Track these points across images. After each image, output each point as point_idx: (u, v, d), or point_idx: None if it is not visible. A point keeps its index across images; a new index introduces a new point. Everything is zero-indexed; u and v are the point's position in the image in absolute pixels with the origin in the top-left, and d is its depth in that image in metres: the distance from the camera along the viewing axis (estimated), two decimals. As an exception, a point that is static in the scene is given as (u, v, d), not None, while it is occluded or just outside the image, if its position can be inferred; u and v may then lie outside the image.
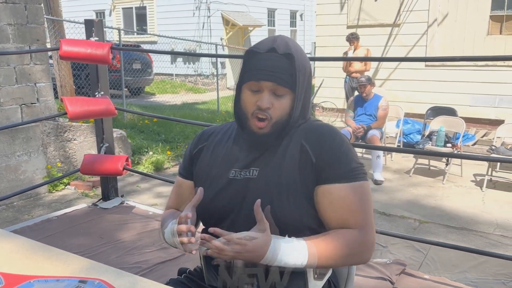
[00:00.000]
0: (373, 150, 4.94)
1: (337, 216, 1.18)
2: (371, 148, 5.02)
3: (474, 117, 7.14)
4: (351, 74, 7.08)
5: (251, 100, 1.18)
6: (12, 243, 1.22)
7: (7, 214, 3.76)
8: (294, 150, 1.21)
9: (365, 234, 1.17)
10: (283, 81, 1.16)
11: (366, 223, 1.18)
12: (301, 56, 1.21)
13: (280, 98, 1.18)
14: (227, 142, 1.30)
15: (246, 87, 1.20)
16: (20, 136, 4.03)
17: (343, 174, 1.17)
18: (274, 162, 1.21)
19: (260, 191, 1.19)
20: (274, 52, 1.17)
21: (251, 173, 1.22)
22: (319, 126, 1.25)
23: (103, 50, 3.02)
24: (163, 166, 5.26)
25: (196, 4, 14.75)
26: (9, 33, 3.89)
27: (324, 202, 1.18)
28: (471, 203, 4.23)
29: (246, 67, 1.21)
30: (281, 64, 1.16)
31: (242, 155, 1.25)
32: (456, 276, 2.71)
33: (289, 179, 1.19)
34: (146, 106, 9.70)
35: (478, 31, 7.24)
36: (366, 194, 1.20)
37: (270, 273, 1.18)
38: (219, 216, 1.24)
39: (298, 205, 1.18)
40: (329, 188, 1.18)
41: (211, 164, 1.29)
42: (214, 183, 1.26)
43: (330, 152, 1.18)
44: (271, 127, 1.19)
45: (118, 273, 1.07)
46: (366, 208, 1.19)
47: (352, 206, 1.17)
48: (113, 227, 3.09)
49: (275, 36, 1.23)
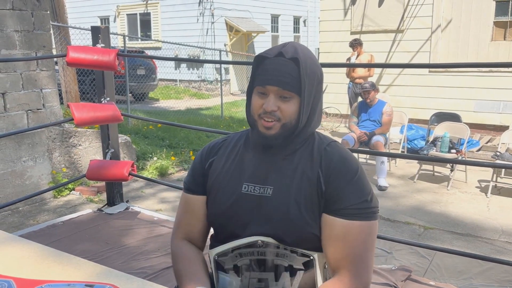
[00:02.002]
0: (378, 156, 4.94)
1: (333, 251, 1.16)
2: (376, 154, 5.02)
3: (478, 123, 7.13)
4: (354, 80, 7.09)
5: (258, 103, 1.19)
6: (23, 248, 1.23)
7: (13, 219, 3.78)
8: (312, 174, 1.19)
9: (354, 279, 1.14)
10: (288, 85, 1.16)
11: (362, 266, 1.15)
12: (310, 61, 1.20)
13: (286, 101, 1.17)
14: (237, 154, 1.29)
15: (255, 91, 1.21)
16: (26, 141, 4.06)
17: (350, 210, 1.15)
18: (289, 182, 1.20)
19: (274, 210, 1.19)
20: (281, 57, 1.17)
21: (266, 191, 1.21)
22: (334, 153, 1.22)
23: (110, 57, 3.04)
24: (167, 171, 5.27)
25: (200, 10, 14.82)
26: (16, 39, 3.92)
27: (325, 233, 1.18)
28: (476, 209, 4.22)
29: (254, 72, 1.22)
30: (287, 68, 1.16)
31: (253, 166, 1.24)
32: (461, 283, 2.70)
33: (305, 202, 1.18)
34: (150, 112, 9.74)
35: (482, 37, 7.25)
36: (370, 234, 1.17)
37: (280, 278, 1.19)
38: (231, 230, 1.24)
39: (312, 225, 1.18)
40: (332, 221, 1.17)
41: (223, 177, 1.28)
42: (226, 197, 1.25)
43: (340, 184, 1.17)
44: (280, 129, 1.18)
45: (128, 277, 1.08)
46: (366, 249, 1.16)
47: (350, 246, 1.15)
48: (118, 232, 3.10)
49: (287, 42, 1.23)
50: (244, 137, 1.32)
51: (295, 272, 1.20)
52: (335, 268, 1.17)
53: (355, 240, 1.15)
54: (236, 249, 1.22)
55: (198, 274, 1.22)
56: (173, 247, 1.33)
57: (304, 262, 1.20)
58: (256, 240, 1.20)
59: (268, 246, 1.20)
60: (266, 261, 1.21)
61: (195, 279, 1.19)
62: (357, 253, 1.15)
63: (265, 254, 1.20)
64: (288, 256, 1.20)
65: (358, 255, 1.15)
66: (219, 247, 1.25)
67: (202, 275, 1.22)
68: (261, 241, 1.19)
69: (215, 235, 1.32)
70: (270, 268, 1.21)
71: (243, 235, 1.22)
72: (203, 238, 1.36)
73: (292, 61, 1.17)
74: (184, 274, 1.22)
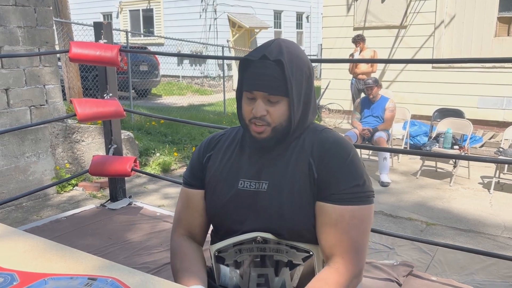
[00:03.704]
0: (380, 152, 4.94)
1: (326, 238, 1.16)
2: (378, 150, 5.02)
3: (481, 119, 7.11)
4: (357, 76, 7.07)
5: (248, 108, 1.19)
6: (26, 242, 1.24)
7: (17, 214, 3.80)
8: (303, 165, 1.19)
9: (348, 266, 1.13)
10: (274, 90, 1.15)
11: (355, 252, 1.14)
12: (296, 59, 1.18)
13: (275, 104, 1.17)
14: (234, 150, 1.30)
15: (244, 96, 1.21)
16: (29, 137, 4.07)
17: (342, 195, 1.15)
18: (283, 176, 1.20)
19: (269, 204, 1.19)
20: (265, 59, 1.15)
21: (261, 186, 1.21)
22: (326, 139, 1.22)
23: (112, 52, 3.05)
24: (170, 167, 5.28)
25: (203, 6, 14.81)
26: (19, 35, 3.93)
27: (318, 220, 1.17)
28: (479, 205, 4.22)
29: (241, 75, 1.22)
30: (272, 71, 1.15)
31: (249, 163, 1.25)
32: (463, 278, 2.70)
33: (299, 194, 1.18)
34: (153, 108, 9.75)
35: (486, 32, 7.22)
36: (363, 220, 1.16)
37: (280, 273, 1.20)
38: (228, 226, 1.25)
39: (307, 215, 1.18)
40: (324, 207, 1.16)
41: (220, 172, 1.28)
42: (223, 193, 1.26)
43: (331, 169, 1.16)
44: (271, 132, 1.19)
45: (130, 271, 1.09)
46: (359, 235, 1.15)
47: (343, 232, 1.14)
48: (121, 227, 3.11)
49: (271, 41, 1.21)
50: (242, 132, 1.32)
51: (295, 267, 1.21)
52: (329, 255, 1.16)
53: (348, 225, 1.14)
54: (236, 245, 1.23)
55: (194, 270, 1.22)
56: (173, 244, 1.33)
57: (304, 258, 1.21)
58: (255, 236, 1.20)
59: (268, 242, 1.20)
60: (266, 256, 1.21)
61: (191, 274, 1.20)
62: (351, 239, 1.14)
63: (265, 250, 1.21)
64: (288, 251, 1.20)
65: (351, 241, 1.14)
66: (220, 243, 1.26)
67: (198, 270, 1.22)
68: (260, 237, 1.20)
69: (215, 231, 1.32)
70: (270, 263, 1.21)
71: (240, 230, 1.22)
72: (204, 232, 1.36)
73: (275, 63, 1.15)
74: (180, 270, 1.23)
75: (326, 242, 1.16)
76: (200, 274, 1.21)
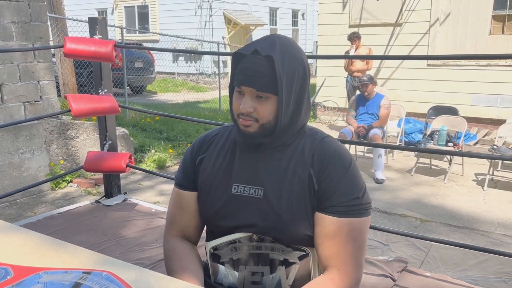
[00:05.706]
0: (375, 149, 4.95)
1: (323, 249, 1.15)
2: (373, 146, 5.03)
3: (475, 117, 7.14)
4: (352, 73, 7.08)
5: (237, 102, 1.16)
6: (21, 237, 1.24)
7: (11, 211, 3.78)
8: (303, 175, 1.17)
9: (343, 278, 1.13)
10: (262, 86, 1.11)
11: (352, 264, 1.14)
12: (289, 57, 1.13)
13: (263, 101, 1.13)
14: (227, 152, 1.26)
15: (235, 90, 1.18)
16: (23, 133, 4.05)
17: (341, 207, 1.14)
18: (281, 184, 1.18)
19: (266, 211, 1.18)
20: (257, 55, 1.12)
21: (256, 192, 1.18)
22: (327, 150, 1.19)
23: (107, 48, 3.03)
24: (165, 164, 5.27)
25: (198, 3, 14.76)
26: (13, 31, 3.90)
27: (316, 230, 1.16)
28: (473, 202, 4.24)
29: (233, 69, 1.18)
30: (263, 68, 1.11)
31: (243, 167, 1.22)
32: (457, 274, 2.71)
33: (297, 203, 1.16)
34: (148, 105, 9.72)
35: (480, 30, 7.25)
36: (361, 232, 1.16)
37: (275, 271, 1.20)
38: (223, 230, 1.23)
39: (306, 225, 1.17)
40: (323, 218, 1.15)
41: (213, 176, 1.25)
42: (216, 197, 1.23)
43: (332, 181, 1.15)
44: (259, 128, 1.15)
45: (125, 265, 1.08)
46: (357, 247, 1.15)
47: (340, 244, 1.13)
48: (116, 224, 3.10)
49: (265, 36, 1.18)
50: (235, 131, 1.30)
51: (291, 265, 1.20)
52: (326, 266, 1.16)
53: (346, 238, 1.13)
54: (232, 243, 1.22)
55: (191, 269, 1.21)
56: (167, 246, 1.30)
57: (300, 256, 1.20)
58: (251, 234, 1.20)
59: (263, 240, 1.20)
60: (262, 255, 1.21)
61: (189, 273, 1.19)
62: (348, 251, 1.14)
63: (260, 248, 1.21)
64: (284, 250, 1.20)
65: (349, 253, 1.14)
66: (215, 241, 1.25)
67: (195, 269, 1.21)
68: (256, 235, 1.19)
69: (209, 231, 1.31)
70: (265, 261, 1.21)
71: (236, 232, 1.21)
72: (198, 233, 1.34)
73: (266, 59, 1.11)
74: (176, 270, 1.22)
75: (323, 253, 1.15)
76: (197, 273, 1.20)
